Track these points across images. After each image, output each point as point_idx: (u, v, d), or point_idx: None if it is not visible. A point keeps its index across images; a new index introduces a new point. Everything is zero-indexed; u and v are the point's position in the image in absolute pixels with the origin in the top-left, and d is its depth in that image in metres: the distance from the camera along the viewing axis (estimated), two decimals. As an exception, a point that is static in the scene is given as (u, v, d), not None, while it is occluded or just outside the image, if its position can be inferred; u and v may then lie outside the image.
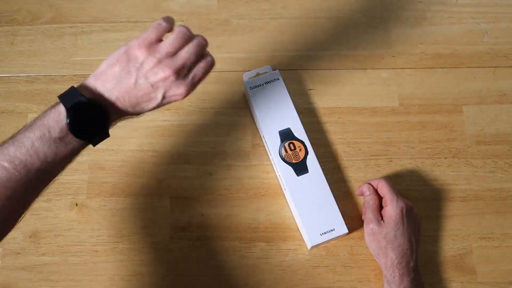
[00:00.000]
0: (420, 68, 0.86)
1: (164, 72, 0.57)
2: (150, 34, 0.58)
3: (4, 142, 0.56)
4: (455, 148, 0.82)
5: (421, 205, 0.79)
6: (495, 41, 0.88)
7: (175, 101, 0.59)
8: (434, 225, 0.78)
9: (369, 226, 0.73)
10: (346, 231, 0.75)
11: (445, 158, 0.82)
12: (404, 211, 0.73)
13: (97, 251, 0.77)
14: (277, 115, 0.80)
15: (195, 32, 0.90)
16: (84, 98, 0.55)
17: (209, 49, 0.87)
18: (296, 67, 0.86)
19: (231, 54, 0.87)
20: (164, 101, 0.59)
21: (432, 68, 0.86)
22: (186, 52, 0.58)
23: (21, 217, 0.57)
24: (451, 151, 0.82)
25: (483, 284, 0.76)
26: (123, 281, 0.75)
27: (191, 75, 0.59)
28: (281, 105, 0.81)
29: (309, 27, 0.88)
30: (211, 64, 0.61)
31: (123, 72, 0.57)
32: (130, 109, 0.58)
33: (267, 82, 0.82)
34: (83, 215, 0.78)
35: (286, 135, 0.79)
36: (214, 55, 0.86)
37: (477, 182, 0.80)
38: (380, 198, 0.76)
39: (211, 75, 0.86)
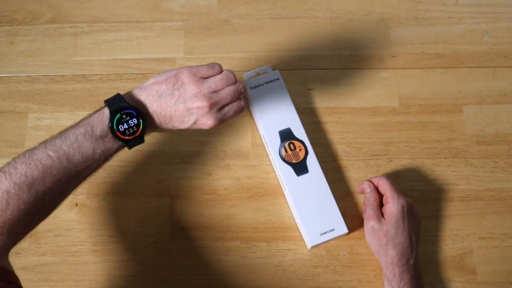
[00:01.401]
0: (420, 68, 0.86)
1: (202, 102, 0.64)
2: (203, 69, 0.66)
3: (53, 136, 0.62)
4: (455, 148, 0.82)
5: (421, 205, 0.79)
6: (495, 41, 0.88)
7: (202, 128, 0.66)
8: (434, 225, 0.78)
9: (370, 223, 0.73)
10: (346, 231, 0.75)
11: (445, 158, 0.82)
12: (405, 208, 0.73)
13: (97, 251, 0.77)
14: (277, 115, 0.80)
15: (194, 32, 0.90)
16: (126, 104, 0.63)
17: (209, 49, 0.87)
18: (296, 67, 0.86)
19: (231, 54, 0.87)
20: (193, 126, 0.66)
21: (432, 68, 0.86)
22: (225, 93, 0.66)
23: (59, 204, 0.63)
24: (451, 151, 0.82)
25: (483, 284, 0.76)
26: (123, 281, 0.75)
27: (223, 112, 0.66)
28: (281, 105, 0.81)
29: (309, 27, 0.89)
30: (241, 109, 0.68)
31: (167, 91, 0.64)
32: (163, 124, 0.65)
33: (267, 82, 0.82)
34: (83, 215, 0.78)
35: (286, 135, 0.79)
36: (214, 55, 0.87)
37: (477, 182, 0.80)
38: (380, 196, 0.76)
39: (211, 75, 0.86)
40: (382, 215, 0.74)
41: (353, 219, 0.78)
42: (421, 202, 0.79)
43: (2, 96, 0.84)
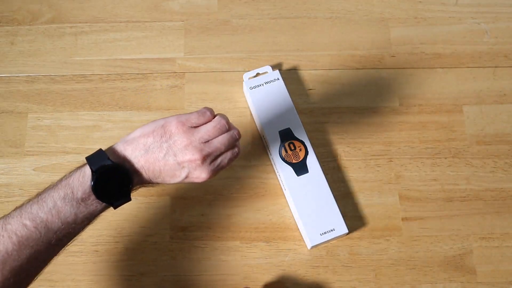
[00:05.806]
0: (420, 68, 0.86)
1: (193, 155, 0.59)
2: (193, 118, 0.60)
3: (30, 200, 0.57)
4: (455, 148, 0.82)
5: (421, 205, 0.79)
6: (495, 41, 0.88)
7: (195, 182, 0.61)
8: (434, 225, 0.78)
9: None
10: (346, 231, 0.75)
11: (445, 158, 0.82)
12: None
13: (97, 251, 0.77)
14: (277, 115, 0.80)
15: (194, 32, 0.90)
16: (110, 162, 0.57)
17: (209, 49, 0.87)
18: (296, 67, 0.86)
19: (231, 54, 0.87)
20: (186, 180, 0.60)
21: (432, 68, 0.86)
22: (218, 142, 0.60)
23: (39, 275, 0.57)
24: (451, 151, 0.82)
25: (483, 284, 0.76)
26: (123, 281, 0.75)
27: (216, 162, 0.61)
28: (281, 105, 0.81)
29: (309, 27, 0.89)
30: (236, 155, 0.63)
31: (155, 144, 0.59)
32: (152, 179, 0.60)
33: (267, 82, 0.82)
34: (83, 215, 0.78)
35: (286, 135, 0.79)
36: (214, 55, 0.87)
37: (477, 182, 0.80)
38: None
39: (211, 74, 0.87)
40: None
41: (353, 219, 0.78)
42: (421, 202, 0.79)
43: (2, 96, 0.84)
